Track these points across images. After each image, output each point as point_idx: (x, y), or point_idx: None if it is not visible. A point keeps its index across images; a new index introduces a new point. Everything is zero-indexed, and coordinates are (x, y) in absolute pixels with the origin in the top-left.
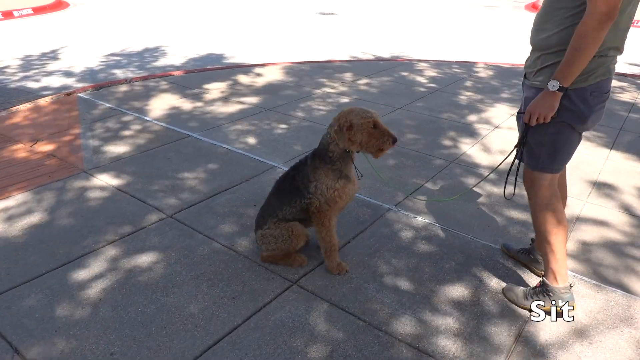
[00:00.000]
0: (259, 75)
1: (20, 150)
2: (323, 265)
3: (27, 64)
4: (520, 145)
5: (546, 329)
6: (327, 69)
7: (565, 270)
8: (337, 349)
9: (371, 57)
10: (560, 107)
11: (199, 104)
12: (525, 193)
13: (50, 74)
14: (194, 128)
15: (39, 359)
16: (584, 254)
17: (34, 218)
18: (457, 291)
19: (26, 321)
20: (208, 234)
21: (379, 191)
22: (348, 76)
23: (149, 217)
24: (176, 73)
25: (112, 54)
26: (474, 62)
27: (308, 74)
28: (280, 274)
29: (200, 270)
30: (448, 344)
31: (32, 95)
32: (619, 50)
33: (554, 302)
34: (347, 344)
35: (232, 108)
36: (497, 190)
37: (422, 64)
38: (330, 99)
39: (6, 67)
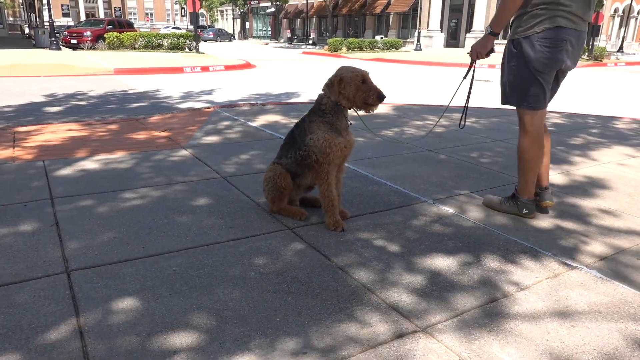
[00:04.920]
0: None
1: (150, 134)
2: (324, 223)
3: (187, 95)
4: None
5: (517, 306)
6: (441, 110)
7: (532, 188)
8: (289, 272)
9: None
10: (512, 54)
11: (291, 119)
12: (576, 205)
13: (198, 101)
14: (282, 132)
15: (66, 228)
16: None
17: (123, 165)
18: (443, 261)
19: (76, 213)
20: (244, 191)
21: (422, 189)
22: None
23: (206, 176)
24: (290, 102)
25: (256, 94)
26: (618, 117)
27: (418, 112)
28: (283, 221)
29: (219, 208)
30: (402, 295)
31: (177, 110)
32: (561, 4)
33: (519, 209)
34: (301, 271)
35: None
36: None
37: (551, 114)
38: (425, 128)
39: (161, 96)
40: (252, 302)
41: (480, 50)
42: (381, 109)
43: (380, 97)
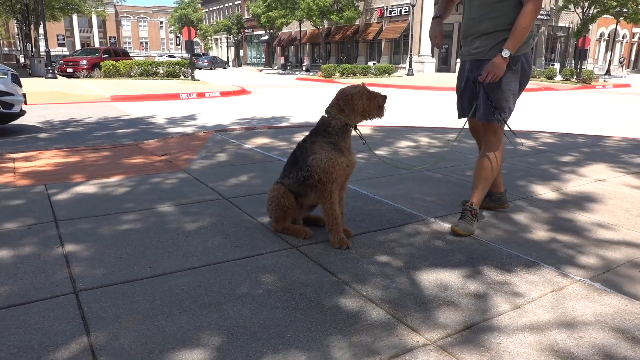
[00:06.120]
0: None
1: (149, 159)
2: (328, 241)
3: (183, 120)
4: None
5: (524, 318)
6: (438, 131)
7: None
8: (297, 289)
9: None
10: (513, 70)
11: (287, 142)
12: (574, 219)
13: (195, 126)
14: (279, 154)
15: (71, 250)
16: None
17: (124, 188)
18: (449, 276)
19: (80, 235)
20: (247, 211)
21: (422, 207)
22: (452, 136)
23: (209, 197)
24: (287, 125)
25: (253, 118)
26: (608, 136)
27: (406, 133)
28: (287, 240)
29: (223, 228)
30: (410, 310)
31: (175, 135)
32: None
33: (478, 220)
34: (309, 288)
35: None
36: (553, 221)
37: (543, 134)
38: (420, 149)
39: (157, 121)
40: (262, 318)
41: (499, 73)
42: (377, 131)
43: (385, 97)
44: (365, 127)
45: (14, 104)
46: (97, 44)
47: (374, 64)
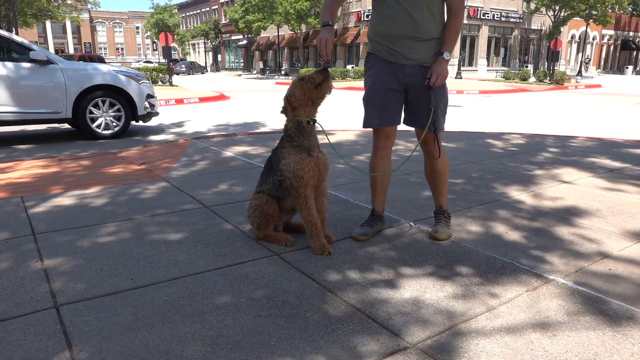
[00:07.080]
0: (331, 134)
1: (128, 168)
2: (310, 248)
3: (162, 127)
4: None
5: (501, 319)
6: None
7: None
8: (279, 296)
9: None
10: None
11: (267, 148)
12: (546, 220)
13: (174, 133)
14: (260, 161)
15: (51, 264)
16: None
17: (103, 199)
18: (428, 279)
19: (60, 248)
20: (228, 219)
21: (402, 211)
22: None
23: (189, 206)
24: (266, 131)
25: (232, 124)
26: (574, 136)
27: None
28: (269, 247)
29: (204, 237)
30: (391, 314)
31: (154, 143)
32: None
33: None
34: (292, 295)
35: None
36: (527, 222)
37: (514, 135)
38: (397, 153)
39: (134, 129)
40: (246, 327)
41: (446, 75)
42: (361, 136)
43: (322, 71)
44: (348, 132)
45: (155, 104)
46: (71, 51)
47: (353, 67)
